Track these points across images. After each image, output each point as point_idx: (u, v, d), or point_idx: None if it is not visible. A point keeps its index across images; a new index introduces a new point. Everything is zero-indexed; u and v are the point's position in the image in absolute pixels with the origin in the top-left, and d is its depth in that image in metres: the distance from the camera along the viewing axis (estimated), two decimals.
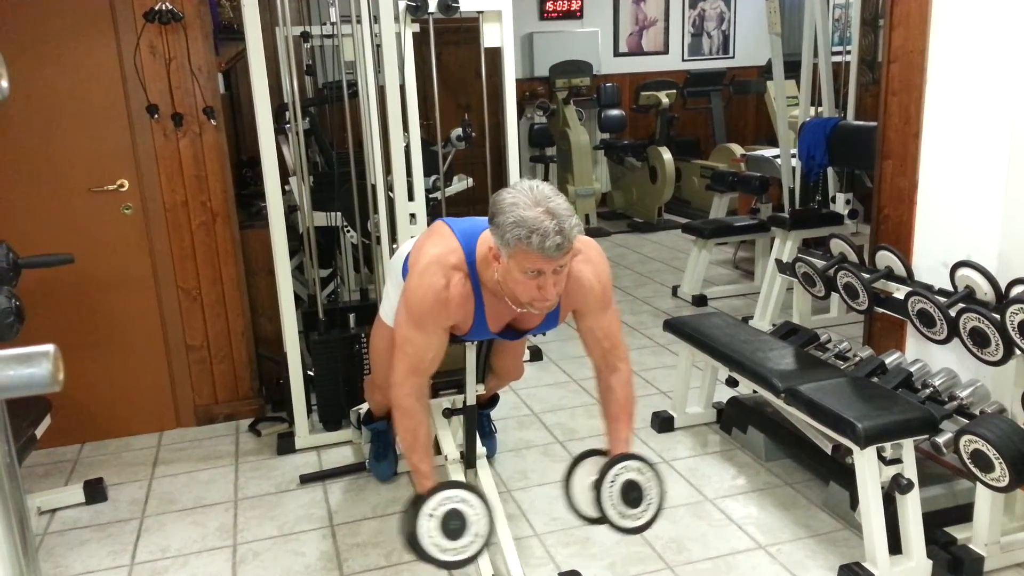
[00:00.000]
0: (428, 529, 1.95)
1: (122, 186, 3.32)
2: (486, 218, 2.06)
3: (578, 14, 8.19)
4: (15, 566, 0.68)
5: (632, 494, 2.07)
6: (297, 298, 3.46)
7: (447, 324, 2.14)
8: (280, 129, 3.66)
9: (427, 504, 1.96)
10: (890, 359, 2.81)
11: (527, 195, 1.86)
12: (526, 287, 1.93)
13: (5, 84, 0.54)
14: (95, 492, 3.03)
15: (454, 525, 1.96)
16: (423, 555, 1.96)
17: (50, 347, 0.58)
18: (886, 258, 2.92)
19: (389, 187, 3.25)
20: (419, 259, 2.12)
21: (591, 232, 7.07)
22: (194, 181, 3.39)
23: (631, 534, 2.12)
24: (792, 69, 5.10)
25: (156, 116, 3.27)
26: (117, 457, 3.39)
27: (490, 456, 3.16)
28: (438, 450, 2.83)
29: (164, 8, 3.17)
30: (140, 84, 3.23)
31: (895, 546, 2.36)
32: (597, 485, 2.07)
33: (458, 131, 4.46)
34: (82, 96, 3.22)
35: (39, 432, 2.71)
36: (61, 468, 3.32)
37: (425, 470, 2.10)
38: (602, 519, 2.08)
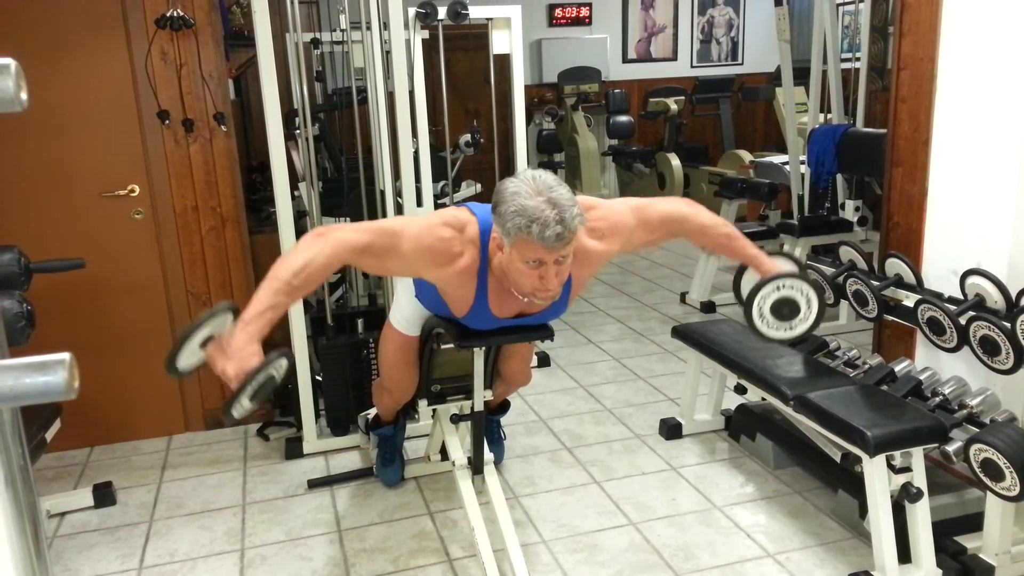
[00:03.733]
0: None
1: (133, 191, 3.34)
2: None
3: (587, 21, 8.21)
4: (28, 569, 0.69)
5: (784, 310, 2.22)
6: (305, 303, 3.47)
7: (425, 274, 2.09)
8: (290, 135, 3.68)
9: (272, 360, 1.74)
10: (900, 367, 2.80)
11: (529, 184, 1.86)
12: (528, 277, 1.92)
13: (24, 96, 0.55)
14: (104, 496, 3.04)
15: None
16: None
17: (66, 355, 0.58)
18: (896, 266, 2.91)
19: (398, 192, 3.26)
20: (443, 216, 2.10)
21: None
22: (204, 186, 3.41)
23: (810, 334, 2.33)
24: (801, 76, 5.10)
25: (167, 122, 3.29)
26: (126, 461, 3.41)
27: (498, 462, 3.15)
28: (445, 455, 2.83)
29: (175, 15, 3.19)
30: (151, 90, 3.25)
31: (904, 555, 2.35)
32: (749, 321, 2.24)
33: (467, 137, 4.48)
34: (94, 102, 3.24)
35: (49, 436, 2.72)
36: (70, 472, 3.33)
37: (277, 314, 1.81)
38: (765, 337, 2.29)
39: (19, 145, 3.18)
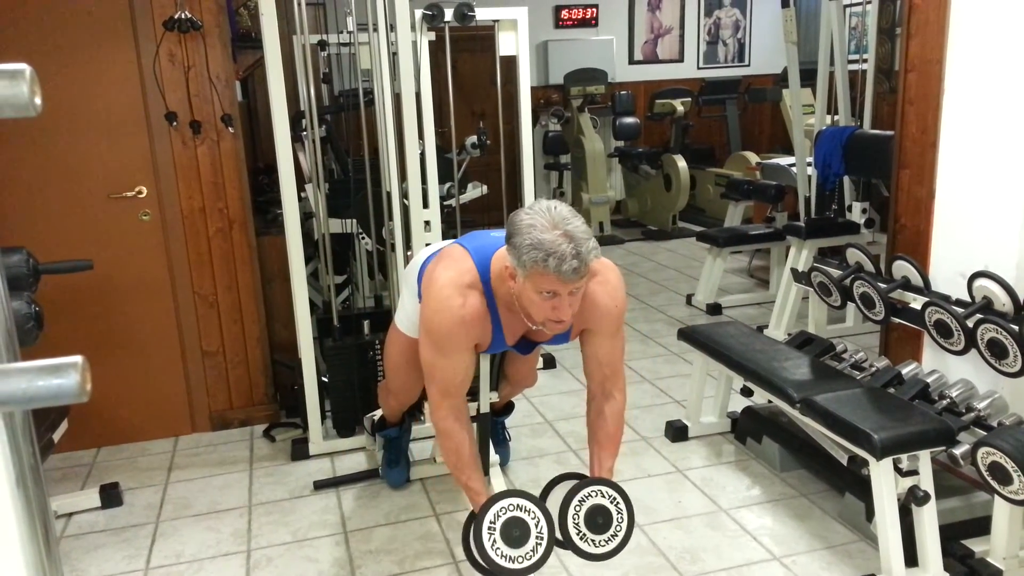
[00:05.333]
0: (492, 542, 1.97)
1: (140, 193, 3.36)
2: (499, 233, 2.06)
3: (593, 22, 8.21)
4: (39, 568, 0.69)
5: (599, 519, 2.08)
6: (312, 304, 3.48)
7: (470, 344, 2.14)
8: (297, 136, 3.69)
9: (485, 518, 1.99)
10: (907, 370, 2.79)
11: (545, 217, 1.86)
12: (541, 307, 1.93)
13: (39, 101, 0.55)
14: (111, 497, 3.05)
15: (516, 533, 2.00)
16: (496, 569, 1.98)
17: (78, 358, 0.59)
18: (903, 268, 2.90)
19: (404, 194, 3.27)
20: (433, 283, 2.12)
21: (605, 240, 7.07)
22: (211, 188, 3.42)
23: (589, 560, 2.10)
24: (808, 77, 5.09)
25: (175, 123, 3.31)
26: (133, 462, 3.42)
27: (503, 464, 3.16)
28: None
29: (183, 17, 3.20)
30: (159, 92, 3.26)
31: (911, 559, 2.35)
32: (564, 504, 2.07)
33: (473, 139, 4.48)
34: (102, 104, 3.25)
35: (56, 436, 2.74)
36: (77, 472, 3.34)
37: (476, 487, 2.12)
38: (567, 541, 2.08)
39: (28, 147, 3.19)
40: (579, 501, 2.08)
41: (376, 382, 3.28)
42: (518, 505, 2.02)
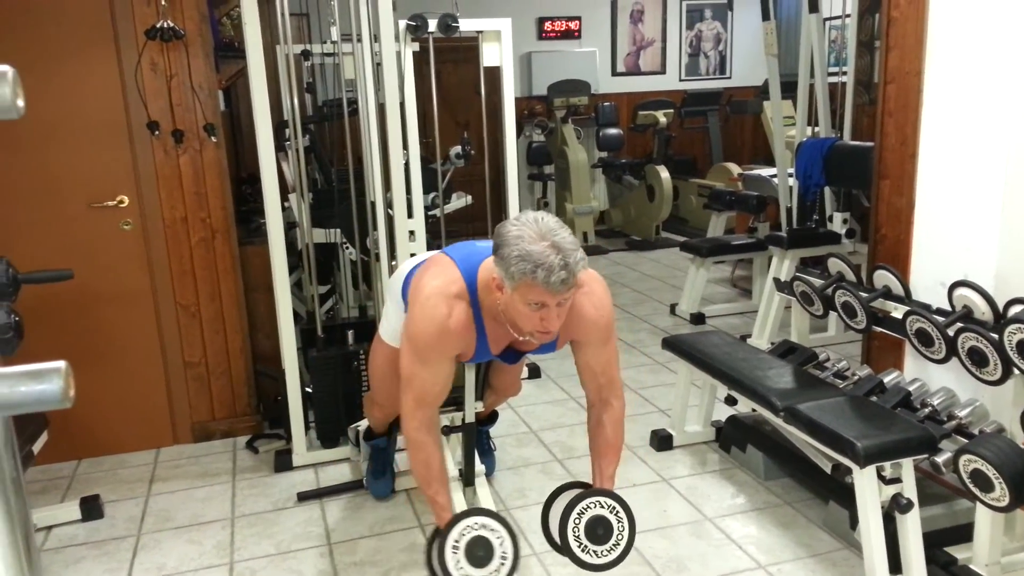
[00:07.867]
0: (456, 562, 1.96)
1: (122, 202, 3.33)
2: (485, 243, 2.06)
3: (576, 34, 8.26)
4: None
5: (599, 531, 2.07)
6: (296, 315, 3.46)
7: (452, 354, 2.14)
8: (280, 146, 3.67)
9: (449, 536, 1.97)
10: (889, 378, 2.81)
11: (532, 228, 1.86)
12: (529, 319, 1.93)
13: (21, 103, 0.55)
14: (91, 509, 3.01)
15: (480, 552, 1.98)
16: None
17: (61, 364, 0.58)
18: (884, 277, 2.93)
19: (388, 204, 3.26)
20: (420, 291, 2.11)
21: (589, 250, 7.08)
22: (194, 198, 3.40)
23: (589, 570, 2.08)
24: (789, 89, 5.13)
25: (157, 133, 3.29)
26: (114, 474, 3.38)
27: (489, 474, 3.15)
28: None
29: (165, 26, 3.19)
30: (141, 101, 3.25)
31: (895, 566, 2.36)
32: (565, 513, 2.07)
33: (457, 149, 4.49)
34: (83, 112, 3.23)
35: (36, 448, 2.70)
36: (57, 485, 3.30)
37: (442, 502, 2.11)
38: (567, 552, 2.07)
39: (7, 155, 3.16)
40: (579, 513, 2.06)
41: (360, 392, 3.27)
42: (483, 524, 2.01)
